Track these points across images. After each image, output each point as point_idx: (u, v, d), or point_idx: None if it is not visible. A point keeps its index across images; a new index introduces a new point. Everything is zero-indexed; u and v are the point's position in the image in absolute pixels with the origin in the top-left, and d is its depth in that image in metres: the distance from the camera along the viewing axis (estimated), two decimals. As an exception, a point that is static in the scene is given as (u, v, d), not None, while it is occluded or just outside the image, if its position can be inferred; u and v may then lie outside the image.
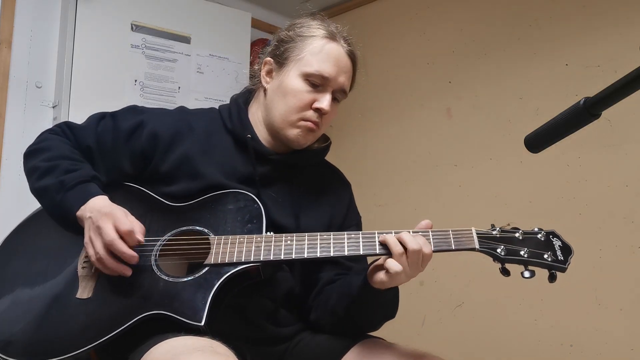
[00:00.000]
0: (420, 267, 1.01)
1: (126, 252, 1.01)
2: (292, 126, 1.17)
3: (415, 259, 0.99)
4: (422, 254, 0.99)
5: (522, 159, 2.09)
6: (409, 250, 0.98)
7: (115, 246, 1.00)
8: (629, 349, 1.78)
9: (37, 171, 1.12)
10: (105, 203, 1.06)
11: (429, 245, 1.00)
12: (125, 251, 1.01)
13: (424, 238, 1.01)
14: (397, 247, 0.99)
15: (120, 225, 1.01)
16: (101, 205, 1.05)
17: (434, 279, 2.31)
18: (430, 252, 1.00)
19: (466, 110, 2.33)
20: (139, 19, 2.39)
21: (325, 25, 1.20)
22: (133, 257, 1.02)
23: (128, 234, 1.01)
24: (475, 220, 1.08)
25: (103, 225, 1.01)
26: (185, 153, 1.16)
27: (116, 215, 1.02)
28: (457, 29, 2.41)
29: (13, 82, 2.17)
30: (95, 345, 0.97)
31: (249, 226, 1.09)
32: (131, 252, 1.01)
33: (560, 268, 0.99)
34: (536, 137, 0.93)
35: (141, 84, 2.38)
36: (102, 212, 1.03)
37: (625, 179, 1.86)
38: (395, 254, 0.99)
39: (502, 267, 1.00)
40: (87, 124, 1.22)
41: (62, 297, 1.04)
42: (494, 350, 2.09)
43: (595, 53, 1.97)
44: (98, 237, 1.02)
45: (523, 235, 1.02)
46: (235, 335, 1.04)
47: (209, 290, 0.99)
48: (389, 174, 2.58)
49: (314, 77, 1.15)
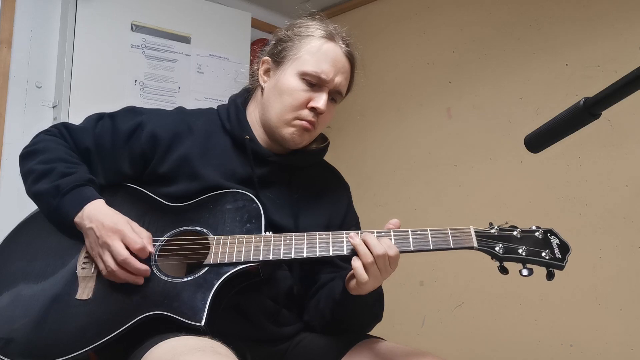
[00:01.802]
0: (390, 270, 1.01)
1: (139, 268, 1.02)
2: (287, 125, 1.16)
3: (382, 263, 0.99)
4: (387, 257, 0.99)
5: (522, 159, 2.09)
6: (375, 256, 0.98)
7: (129, 265, 1.01)
8: (629, 349, 1.78)
9: (33, 174, 1.12)
10: (103, 209, 1.06)
11: (394, 248, 0.99)
12: (139, 267, 1.02)
13: (389, 240, 1.01)
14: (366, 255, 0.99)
15: (132, 244, 1.02)
16: (99, 212, 1.05)
17: (434, 279, 2.31)
18: (396, 254, 1.00)
19: (466, 110, 2.33)
20: (139, 19, 2.39)
21: (323, 25, 1.20)
22: (146, 271, 1.03)
23: (141, 251, 1.02)
24: (475, 220, 1.08)
25: (112, 243, 1.01)
26: (184, 154, 1.16)
27: (124, 232, 1.03)
28: (457, 29, 2.41)
29: (13, 82, 2.18)
30: (95, 346, 0.96)
31: (248, 226, 1.09)
32: (144, 266, 1.02)
33: (558, 266, 0.99)
34: (536, 137, 0.94)
35: (141, 84, 2.39)
36: (107, 227, 1.03)
37: (625, 179, 1.86)
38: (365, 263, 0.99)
39: (500, 265, 1.01)
40: (84, 125, 1.21)
41: (61, 298, 1.04)
42: (494, 350, 2.09)
43: (595, 53, 1.97)
44: (107, 253, 1.02)
45: (521, 233, 1.02)
46: (235, 335, 1.04)
47: (208, 290, 0.99)
48: (388, 174, 2.58)
49: (310, 76, 1.15)
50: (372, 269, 0.99)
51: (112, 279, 1.03)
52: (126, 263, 1.01)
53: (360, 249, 0.99)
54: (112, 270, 1.01)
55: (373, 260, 0.98)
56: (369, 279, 0.99)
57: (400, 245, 1.01)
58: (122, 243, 1.02)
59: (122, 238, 1.02)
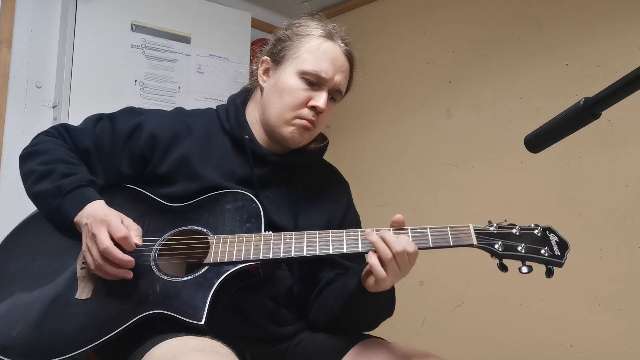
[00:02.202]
0: (409, 266, 1.01)
1: (121, 259, 1.00)
2: (287, 124, 1.16)
3: (401, 260, 0.99)
4: (406, 254, 0.99)
5: (522, 159, 2.09)
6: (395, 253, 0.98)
7: (109, 254, 0.99)
8: (629, 349, 1.78)
9: (33, 175, 1.11)
10: (101, 208, 1.06)
11: (412, 244, 0.99)
12: (121, 257, 1.00)
13: (407, 237, 1.00)
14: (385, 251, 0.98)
15: (115, 232, 1.00)
16: (97, 210, 1.05)
17: (434, 279, 2.31)
18: (415, 251, 0.99)
19: (466, 110, 2.33)
20: (139, 19, 2.39)
21: (323, 24, 1.20)
22: (129, 262, 1.01)
23: (123, 239, 1.00)
24: (475, 220, 1.08)
25: (97, 233, 1.00)
26: (184, 155, 1.16)
27: (110, 222, 1.01)
28: (457, 29, 2.41)
29: (13, 82, 2.18)
30: (95, 345, 0.96)
31: (248, 225, 1.09)
32: (127, 257, 1.00)
33: (557, 263, 0.99)
34: (536, 137, 0.94)
35: (141, 84, 2.39)
36: (98, 219, 1.02)
37: (625, 179, 1.86)
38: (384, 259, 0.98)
39: (499, 262, 1.01)
40: (84, 126, 1.21)
41: (61, 298, 1.04)
42: (494, 350, 2.09)
43: (595, 53, 1.97)
44: (94, 244, 1.01)
45: (520, 231, 1.02)
46: (235, 335, 1.04)
47: (208, 289, 0.99)
48: (388, 174, 2.58)
49: (310, 75, 1.15)
50: (391, 265, 0.98)
51: (100, 273, 1.02)
52: (107, 252, 0.99)
53: (379, 245, 0.99)
54: (99, 264, 1.00)
55: (392, 256, 0.98)
56: (387, 275, 0.99)
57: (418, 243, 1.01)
58: (107, 232, 1.00)
59: (107, 227, 1.01)
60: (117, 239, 1.00)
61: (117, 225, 1.01)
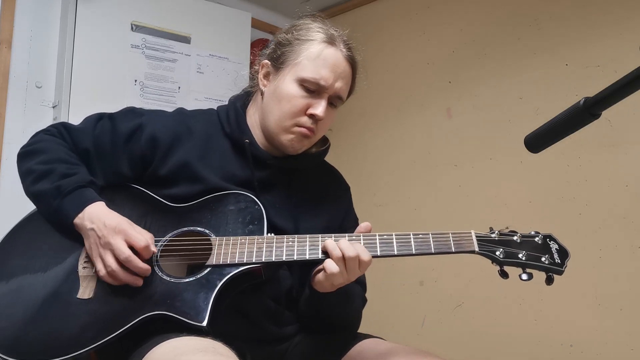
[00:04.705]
0: (358, 272, 1.02)
1: (141, 267, 1.02)
2: (286, 132, 1.15)
3: (352, 265, 1.00)
4: (359, 261, 1.00)
5: (522, 159, 2.09)
6: (346, 257, 1.00)
7: (131, 262, 1.01)
8: (629, 349, 1.79)
9: (32, 174, 1.11)
10: (104, 211, 1.06)
11: (367, 253, 1.01)
12: (141, 266, 1.02)
13: (362, 246, 1.02)
14: (335, 251, 1.00)
15: (136, 242, 1.02)
16: (101, 213, 1.05)
17: (434, 279, 2.32)
18: (369, 259, 1.01)
19: (466, 110, 2.33)
20: (139, 19, 2.39)
21: (325, 28, 1.18)
22: (147, 271, 1.03)
23: (145, 249, 1.02)
24: (475, 220, 1.08)
25: (114, 242, 1.01)
26: (184, 157, 1.15)
27: (126, 231, 1.03)
28: (457, 29, 2.41)
29: (13, 82, 2.18)
30: (96, 345, 0.96)
31: (250, 227, 1.09)
32: (146, 266, 1.02)
33: (557, 271, 1.01)
34: (536, 137, 0.94)
35: (141, 84, 2.39)
36: (109, 226, 1.03)
37: (625, 179, 1.86)
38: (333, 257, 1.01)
39: (500, 269, 1.02)
40: (84, 125, 1.21)
41: (62, 297, 1.04)
42: (494, 350, 2.09)
43: (595, 53, 1.97)
44: (108, 252, 1.02)
45: (521, 238, 1.03)
46: (236, 336, 1.04)
47: (211, 290, 0.99)
48: (388, 174, 2.58)
49: (309, 82, 1.13)
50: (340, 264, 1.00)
51: (111, 280, 1.03)
52: (129, 261, 1.00)
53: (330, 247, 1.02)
54: (113, 271, 1.01)
55: (341, 256, 1.00)
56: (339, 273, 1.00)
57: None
58: (125, 242, 1.02)
59: (125, 237, 1.02)
60: (139, 249, 1.02)
61: (136, 235, 1.02)
